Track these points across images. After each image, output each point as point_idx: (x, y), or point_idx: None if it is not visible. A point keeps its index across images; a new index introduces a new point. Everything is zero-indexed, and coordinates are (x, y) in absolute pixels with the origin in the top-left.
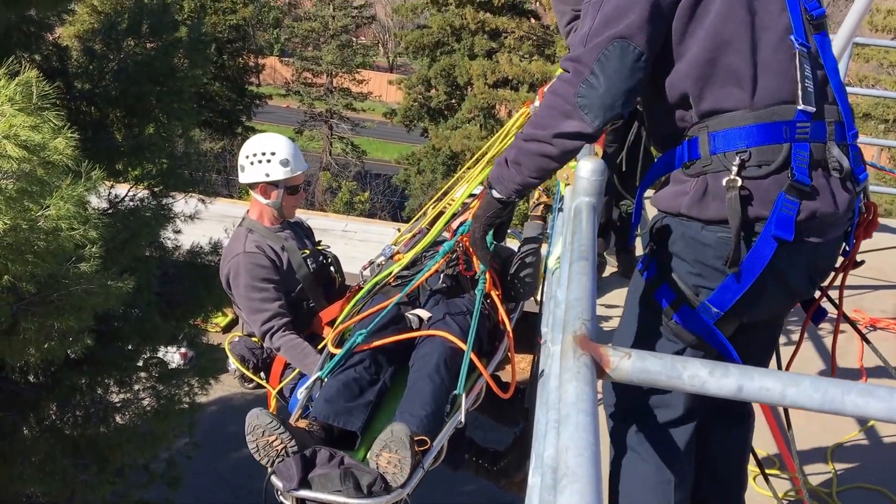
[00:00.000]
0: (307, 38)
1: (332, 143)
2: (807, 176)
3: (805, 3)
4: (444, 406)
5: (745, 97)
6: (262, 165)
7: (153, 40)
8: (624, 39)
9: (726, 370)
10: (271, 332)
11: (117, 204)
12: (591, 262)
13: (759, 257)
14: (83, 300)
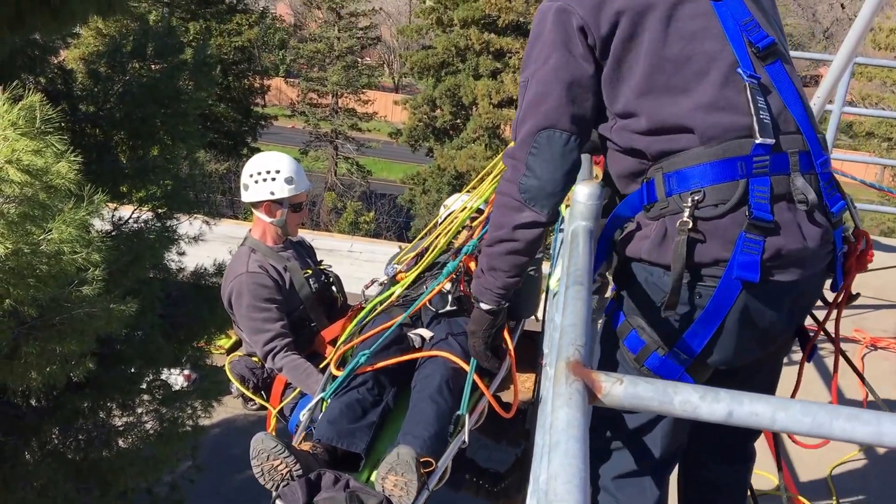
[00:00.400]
0: (312, 59)
1: (337, 163)
2: (768, 212)
3: (749, 36)
4: (447, 426)
5: (695, 135)
6: (266, 184)
7: (158, 62)
8: (548, 129)
9: (717, 395)
10: (273, 352)
11: (121, 226)
12: (587, 286)
13: (723, 301)
14: (85, 324)
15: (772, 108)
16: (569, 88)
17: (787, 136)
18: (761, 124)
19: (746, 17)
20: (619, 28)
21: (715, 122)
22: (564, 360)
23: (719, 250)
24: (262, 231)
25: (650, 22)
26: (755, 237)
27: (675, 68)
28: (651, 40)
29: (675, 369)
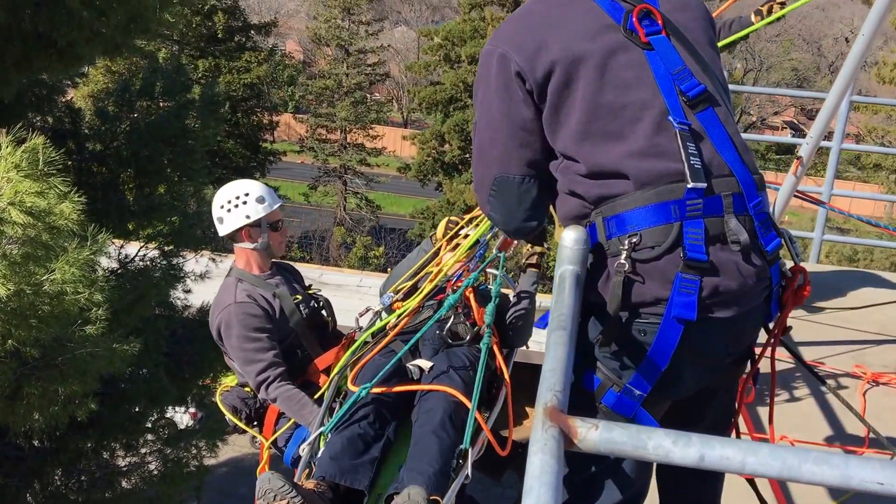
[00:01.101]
0: (321, 96)
1: (346, 198)
2: (702, 252)
3: (680, 84)
4: (450, 462)
5: (628, 182)
6: (239, 209)
7: (166, 100)
8: (500, 176)
9: (689, 440)
10: (267, 382)
11: (127, 264)
12: (569, 332)
13: (668, 339)
14: (88, 364)
15: (703, 154)
16: (513, 134)
17: (720, 180)
18: (692, 169)
19: (678, 67)
20: (554, 76)
21: (648, 169)
22: (542, 405)
23: (658, 290)
24: (246, 260)
25: (584, 71)
26: (691, 277)
27: (610, 116)
28: (586, 88)
29: (630, 405)
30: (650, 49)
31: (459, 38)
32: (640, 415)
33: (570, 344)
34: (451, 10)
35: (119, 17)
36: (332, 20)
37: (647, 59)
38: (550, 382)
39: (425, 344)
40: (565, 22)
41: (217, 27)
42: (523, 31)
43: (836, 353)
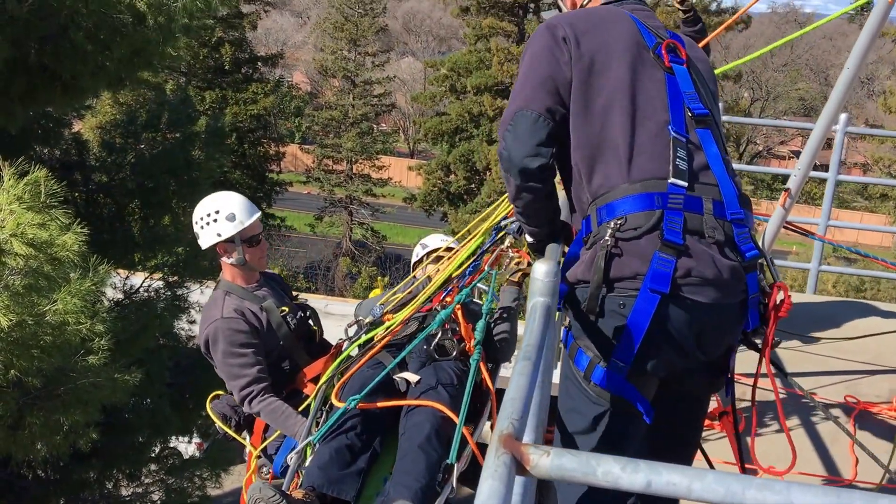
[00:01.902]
0: (328, 126)
1: (352, 228)
2: (679, 237)
3: (689, 104)
4: (436, 477)
5: (623, 174)
6: (210, 227)
7: (172, 132)
8: (522, 110)
9: (636, 466)
10: (250, 397)
11: (132, 294)
12: (535, 363)
13: (644, 309)
14: (90, 394)
15: (693, 161)
16: (544, 81)
17: (703, 186)
18: (677, 170)
19: (690, 90)
20: (593, 58)
21: (640, 166)
22: (498, 433)
23: (638, 266)
24: (232, 273)
25: (617, 66)
26: (668, 256)
27: (622, 116)
28: (615, 80)
29: (617, 379)
30: (671, 73)
31: (465, 69)
32: (626, 389)
33: (533, 374)
34: (457, 41)
35: (122, 50)
36: (339, 52)
37: (666, 79)
38: (509, 411)
39: (412, 357)
40: (612, 26)
41: (224, 59)
42: (578, 17)
43: (829, 383)
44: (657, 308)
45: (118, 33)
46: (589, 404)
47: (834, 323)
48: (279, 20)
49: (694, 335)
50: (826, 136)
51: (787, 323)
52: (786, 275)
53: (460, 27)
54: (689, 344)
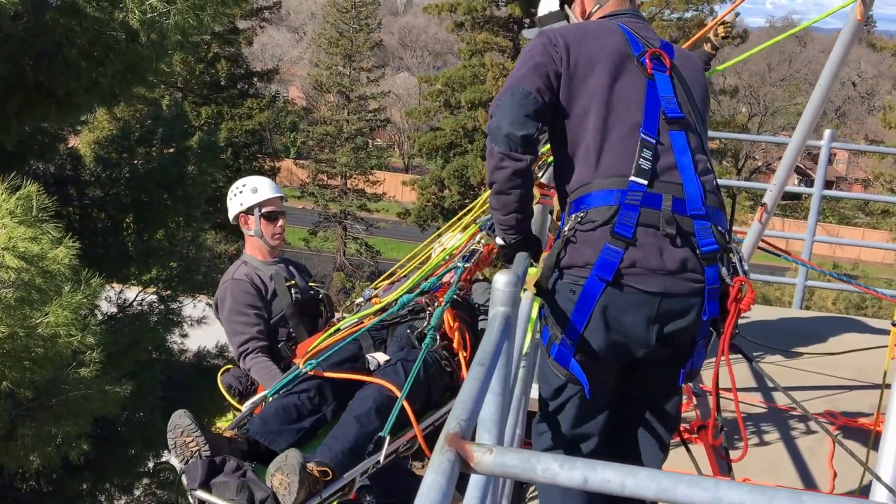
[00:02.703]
0: (322, 141)
1: (346, 243)
2: (629, 231)
3: (665, 107)
4: (366, 445)
5: (592, 172)
6: (236, 198)
7: (167, 146)
8: (513, 87)
9: (573, 464)
10: (245, 353)
11: (126, 308)
12: (488, 368)
13: (590, 294)
14: (81, 406)
15: (658, 161)
16: (536, 68)
17: (666, 184)
18: (638, 169)
19: (668, 95)
20: (578, 64)
21: (609, 164)
22: (446, 431)
23: (589, 255)
24: (251, 246)
25: (600, 71)
26: (616, 248)
27: (596, 118)
28: (595, 85)
29: (566, 356)
30: (652, 80)
31: (460, 84)
32: (573, 366)
33: (485, 378)
34: (452, 56)
35: (116, 67)
36: (334, 67)
37: (646, 84)
38: (458, 412)
39: (393, 341)
40: (600, 37)
41: (220, 75)
42: (570, 29)
43: (811, 398)
44: (602, 294)
45: (112, 50)
46: (553, 375)
47: (819, 338)
48: (275, 36)
49: (648, 323)
50: (801, 152)
51: (771, 338)
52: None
53: (455, 42)
54: (641, 332)
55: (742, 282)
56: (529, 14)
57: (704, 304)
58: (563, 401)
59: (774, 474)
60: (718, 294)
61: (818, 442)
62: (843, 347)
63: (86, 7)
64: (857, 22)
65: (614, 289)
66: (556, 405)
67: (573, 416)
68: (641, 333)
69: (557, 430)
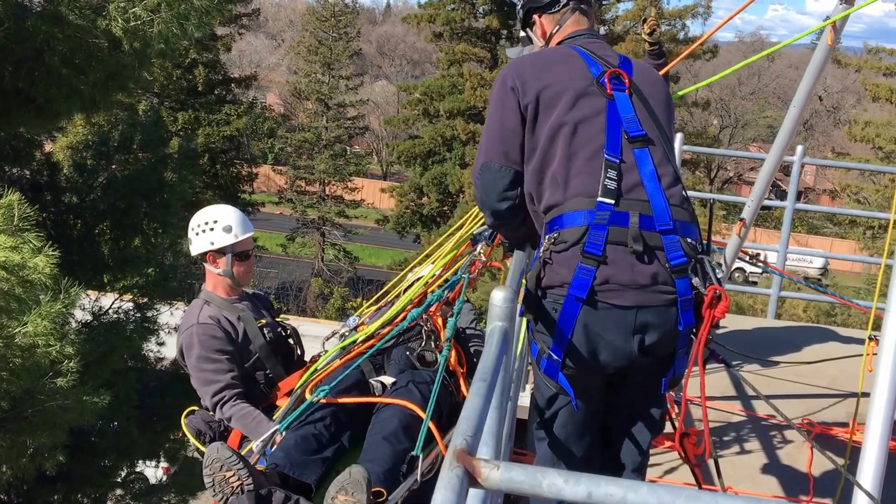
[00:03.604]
0: (301, 148)
1: (324, 249)
2: (599, 249)
3: (627, 127)
4: (400, 466)
5: (561, 194)
6: (205, 234)
7: (144, 153)
8: (485, 164)
9: (578, 479)
10: (222, 402)
11: (101, 316)
12: (490, 383)
13: (568, 313)
14: (58, 416)
15: (623, 180)
16: (500, 133)
17: (632, 202)
18: (604, 189)
19: (629, 115)
20: (539, 99)
21: (578, 185)
22: (453, 447)
23: (565, 275)
24: (214, 283)
25: (560, 102)
26: (588, 266)
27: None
28: (558, 115)
29: (554, 369)
30: (612, 100)
31: (438, 94)
32: (560, 379)
33: (487, 394)
34: (430, 66)
35: (97, 74)
36: (313, 74)
37: (607, 106)
38: (463, 428)
39: (392, 364)
40: (557, 67)
41: (198, 80)
42: (527, 65)
43: (787, 407)
44: (580, 313)
45: (93, 57)
46: (545, 386)
47: (794, 347)
48: (253, 42)
49: (629, 336)
50: (777, 168)
51: (747, 347)
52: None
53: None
54: (622, 345)
55: (716, 290)
56: (507, 26)
57: (678, 314)
58: (556, 409)
59: (755, 482)
60: (693, 304)
61: (796, 449)
62: (817, 356)
63: (68, 14)
64: (828, 46)
65: (590, 307)
66: (550, 413)
67: (565, 423)
68: (623, 346)
69: (553, 435)
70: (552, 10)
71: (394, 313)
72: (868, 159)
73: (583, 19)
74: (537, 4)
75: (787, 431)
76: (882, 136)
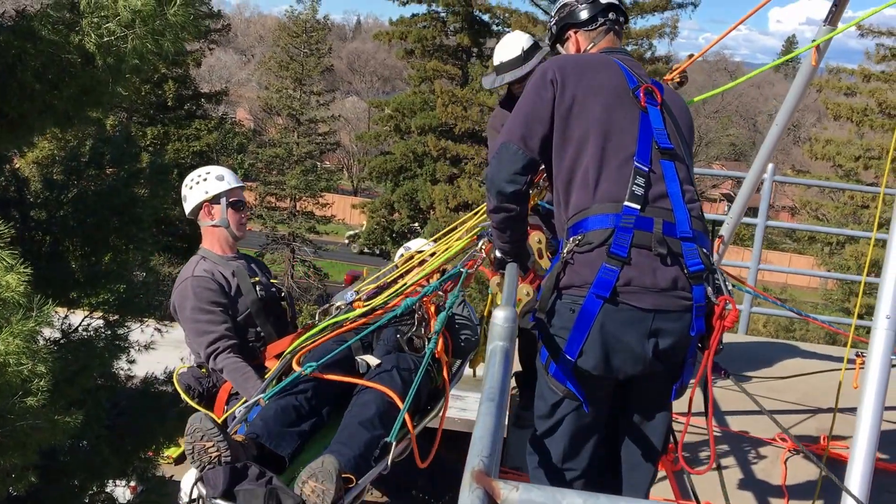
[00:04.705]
0: (271, 164)
1: (294, 265)
2: (625, 251)
3: (657, 138)
4: (373, 451)
5: (590, 198)
6: (199, 186)
7: (115, 168)
8: (504, 143)
9: (596, 499)
10: (216, 353)
11: (70, 333)
12: (499, 403)
13: (588, 312)
14: (28, 436)
15: (651, 188)
16: (527, 118)
17: (657, 209)
18: (632, 194)
19: (660, 127)
20: (575, 98)
21: (606, 190)
22: (470, 469)
23: (588, 275)
24: (211, 240)
25: (595, 103)
26: (612, 267)
27: (594, 147)
28: (593, 115)
29: (566, 372)
30: (645, 112)
31: (409, 110)
32: (572, 381)
33: (498, 413)
34: (401, 82)
35: (71, 89)
36: (284, 90)
37: (640, 117)
38: (478, 448)
39: (380, 343)
40: (598, 71)
41: (167, 96)
42: (569, 62)
43: (761, 422)
44: (601, 311)
45: (67, 73)
46: (550, 392)
47: (766, 363)
48: (223, 58)
49: (644, 339)
50: (756, 186)
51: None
52: None
53: (404, 68)
54: (637, 348)
55: (726, 300)
56: (478, 43)
57: (692, 320)
58: (560, 417)
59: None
60: (704, 312)
61: (770, 466)
62: (786, 371)
63: (41, 30)
64: (812, 67)
65: (611, 305)
66: (553, 422)
67: (570, 431)
68: (638, 349)
69: (554, 446)
70: (589, 28)
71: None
72: (829, 177)
73: (616, 39)
74: (575, 21)
75: (760, 447)
76: (842, 154)
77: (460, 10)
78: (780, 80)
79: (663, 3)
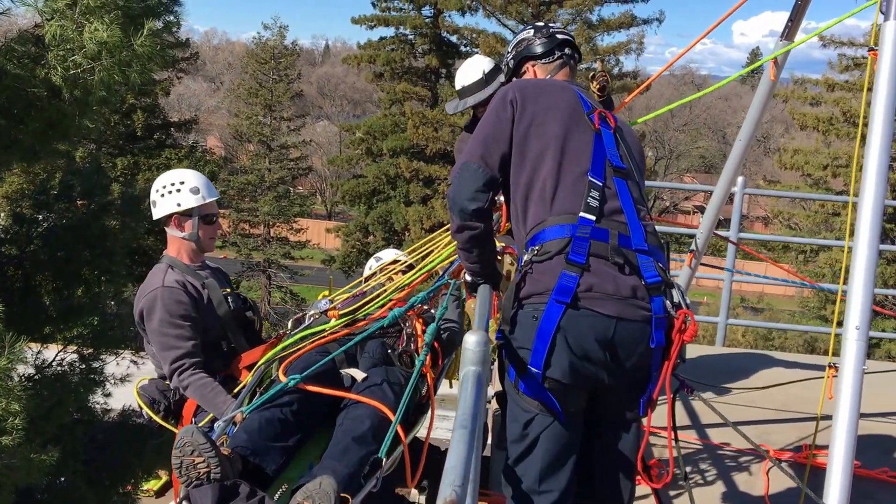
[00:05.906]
0: (244, 191)
1: (270, 292)
2: (582, 258)
3: (610, 158)
4: (364, 468)
5: (547, 210)
6: (172, 196)
7: (85, 201)
8: (465, 163)
9: None
10: (181, 370)
11: (44, 369)
12: (472, 430)
13: (550, 318)
14: (4, 477)
15: (606, 203)
16: (487, 138)
17: (612, 222)
18: (587, 206)
19: (612, 148)
20: (534, 117)
21: (560, 201)
22: (442, 499)
23: (548, 282)
24: (178, 249)
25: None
26: (572, 273)
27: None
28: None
29: (535, 384)
30: (599, 134)
31: (381, 132)
32: (542, 393)
33: (471, 440)
34: (371, 105)
35: (37, 124)
36: (254, 117)
37: (594, 138)
38: (451, 478)
39: (364, 356)
40: (555, 93)
41: (136, 125)
42: (529, 84)
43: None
44: (563, 317)
45: (32, 107)
46: (521, 412)
47: (744, 373)
48: (192, 86)
49: (603, 347)
50: (724, 200)
51: (698, 375)
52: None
53: (374, 91)
54: (597, 355)
55: (686, 314)
56: (447, 65)
57: (652, 332)
58: (534, 436)
59: None
60: (665, 325)
61: (752, 476)
62: (764, 381)
63: (6, 65)
64: (771, 81)
65: (573, 311)
66: (527, 443)
67: (545, 449)
68: (602, 356)
69: (531, 467)
70: (546, 61)
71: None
72: (798, 186)
73: (570, 73)
74: (532, 53)
75: (742, 458)
76: (811, 163)
77: (428, 32)
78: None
79: (629, 19)
